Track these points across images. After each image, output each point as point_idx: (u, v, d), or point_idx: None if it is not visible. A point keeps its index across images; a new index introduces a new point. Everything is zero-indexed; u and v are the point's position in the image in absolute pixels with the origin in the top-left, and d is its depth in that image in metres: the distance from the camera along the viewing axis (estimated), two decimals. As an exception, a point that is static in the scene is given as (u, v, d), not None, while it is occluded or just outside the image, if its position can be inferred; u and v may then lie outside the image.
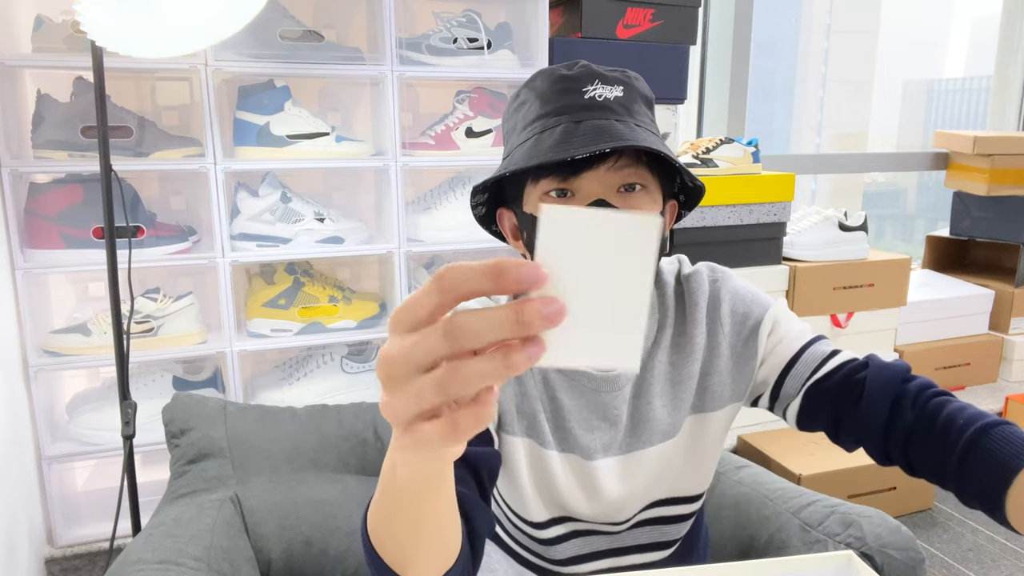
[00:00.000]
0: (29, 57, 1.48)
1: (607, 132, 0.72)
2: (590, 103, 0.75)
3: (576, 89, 0.75)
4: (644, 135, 0.73)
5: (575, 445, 0.84)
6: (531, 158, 0.73)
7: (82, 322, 1.59)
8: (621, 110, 0.75)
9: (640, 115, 0.77)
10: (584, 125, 0.73)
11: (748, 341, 0.86)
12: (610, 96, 0.75)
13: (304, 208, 1.69)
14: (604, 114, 0.74)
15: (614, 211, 0.37)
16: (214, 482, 1.19)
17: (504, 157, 0.81)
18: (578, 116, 0.74)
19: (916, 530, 1.97)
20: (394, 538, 0.56)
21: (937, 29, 36.95)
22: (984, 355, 2.60)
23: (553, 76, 0.77)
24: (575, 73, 0.76)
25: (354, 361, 1.77)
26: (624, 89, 0.77)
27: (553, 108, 0.75)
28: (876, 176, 8.02)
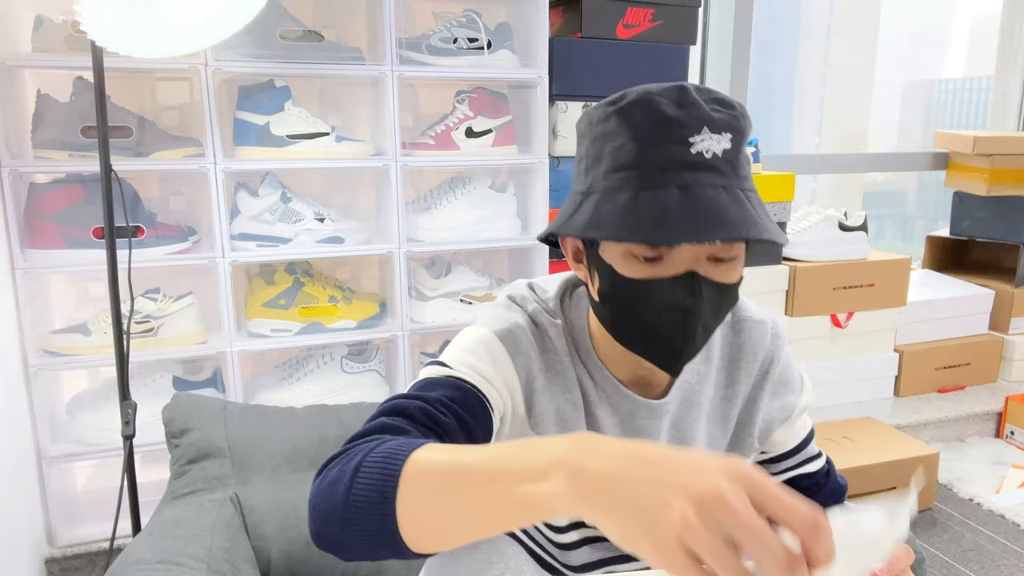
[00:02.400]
0: (29, 57, 1.48)
1: (717, 217, 0.65)
2: (696, 161, 0.67)
3: (682, 139, 0.67)
4: (754, 215, 0.68)
5: None
6: (630, 229, 0.66)
7: (82, 322, 1.59)
8: (728, 170, 0.68)
9: (743, 169, 0.71)
10: (691, 196, 0.66)
11: (781, 410, 0.90)
12: (718, 150, 0.68)
13: (304, 208, 1.69)
14: (711, 178, 0.67)
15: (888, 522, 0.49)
16: (214, 482, 1.19)
17: (584, 191, 0.73)
18: (682, 179, 0.67)
19: (916, 530, 1.97)
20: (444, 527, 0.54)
21: (937, 29, 37.04)
22: (984, 355, 2.60)
23: (655, 114, 0.68)
24: (682, 117, 0.67)
25: (354, 361, 1.77)
26: (732, 137, 0.69)
27: (653, 160, 0.68)
28: (876, 176, 8.03)
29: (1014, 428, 2.43)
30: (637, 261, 0.70)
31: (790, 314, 2.27)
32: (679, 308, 0.70)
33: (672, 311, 0.70)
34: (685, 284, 0.69)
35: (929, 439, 2.39)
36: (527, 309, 0.83)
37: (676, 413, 0.86)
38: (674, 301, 0.70)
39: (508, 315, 0.82)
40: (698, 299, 0.70)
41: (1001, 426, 2.47)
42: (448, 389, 0.73)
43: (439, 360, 0.79)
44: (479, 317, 0.85)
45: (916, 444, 2.06)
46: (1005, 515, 2.01)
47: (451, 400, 0.72)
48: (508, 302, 0.84)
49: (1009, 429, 2.44)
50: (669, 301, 0.70)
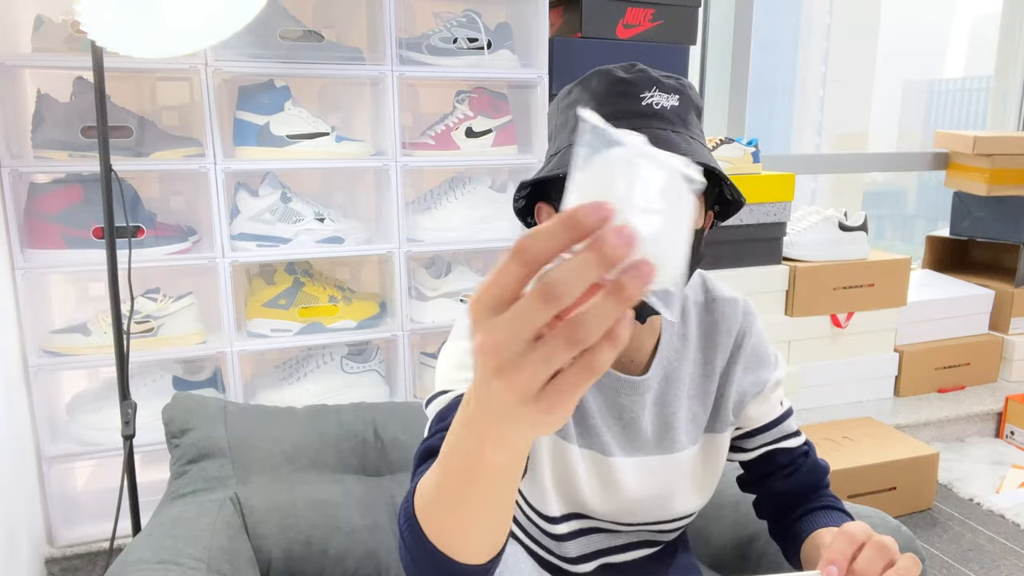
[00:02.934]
0: (29, 57, 1.48)
1: (666, 145, 0.72)
2: (647, 111, 0.74)
3: (634, 94, 0.75)
4: (699, 149, 0.75)
5: (595, 441, 0.86)
6: None
7: (82, 322, 1.59)
8: (677, 120, 0.76)
9: (693, 127, 0.78)
10: (642, 134, 0.72)
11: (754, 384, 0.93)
12: (667, 105, 0.75)
13: (304, 208, 1.69)
14: (661, 124, 0.75)
15: (656, 151, 0.40)
16: (214, 482, 1.19)
17: (552, 154, 0.80)
18: (635, 123, 0.74)
19: (916, 530, 1.97)
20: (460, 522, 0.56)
21: (937, 29, 37.09)
22: (984, 355, 2.60)
23: (610, 78, 0.76)
24: (633, 77, 0.76)
25: (354, 361, 1.77)
26: (680, 99, 0.76)
27: (609, 112, 0.75)
28: (876, 176, 8.02)
29: (1014, 428, 2.43)
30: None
31: (790, 314, 2.28)
32: None
33: None
34: None
35: (929, 439, 2.39)
36: None
37: (658, 390, 0.88)
38: None
39: None
40: None
41: (1001, 426, 2.47)
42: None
43: (439, 391, 0.79)
44: (453, 329, 0.85)
45: (916, 444, 2.06)
46: (1005, 515, 2.01)
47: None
48: None
49: (1009, 429, 2.44)
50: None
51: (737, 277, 2.17)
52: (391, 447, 1.31)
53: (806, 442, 0.97)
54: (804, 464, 0.95)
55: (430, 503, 0.57)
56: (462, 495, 0.54)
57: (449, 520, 0.57)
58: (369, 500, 1.23)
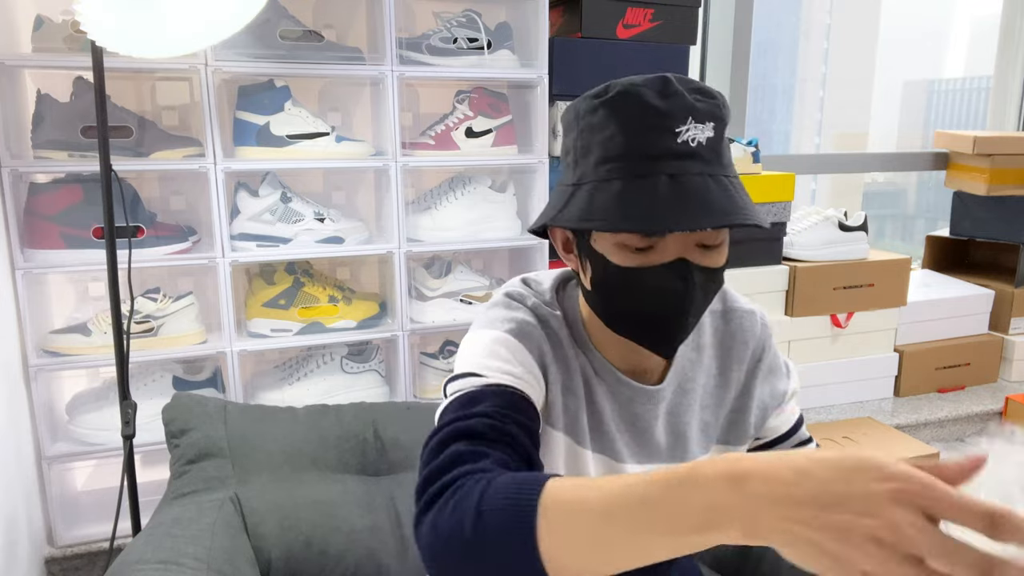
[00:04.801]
0: (29, 57, 1.48)
1: (706, 202, 0.68)
2: (682, 150, 0.70)
3: (668, 128, 0.70)
4: (739, 201, 0.71)
5: (608, 447, 0.86)
6: (622, 218, 0.69)
7: (82, 322, 1.59)
8: (712, 157, 0.72)
9: (725, 156, 0.74)
10: (680, 184, 0.69)
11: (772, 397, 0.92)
12: (702, 139, 0.71)
13: (304, 208, 1.69)
14: (697, 166, 0.70)
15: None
16: (214, 482, 1.19)
17: (574, 183, 0.75)
18: (671, 167, 0.70)
19: (916, 530, 1.97)
20: (595, 566, 0.54)
21: (937, 29, 37.06)
22: (984, 355, 2.60)
23: (642, 105, 0.71)
24: (667, 106, 0.70)
25: (354, 361, 1.77)
26: (715, 126, 0.72)
27: (642, 150, 0.70)
28: (876, 176, 8.03)
29: (1014, 428, 2.42)
30: (629, 251, 0.73)
31: (790, 314, 2.27)
32: (671, 293, 0.73)
33: (664, 296, 0.74)
34: (676, 270, 0.73)
35: (929, 439, 2.39)
36: (527, 304, 0.84)
37: (672, 399, 0.88)
38: (666, 287, 0.73)
39: (511, 313, 0.83)
40: (689, 284, 0.73)
41: (1001, 426, 2.47)
42: (494, 399, 0.73)
43: (465, 372, 0.77)
44: (477, 320, 0.84)
45: (916, 444, 2.05)
46: (1005, 515, 2.01)
47: (502, 408, 0.72)
48: (507, 300, 0.85)
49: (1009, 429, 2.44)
50: (661, 287, 0.73)
51: (737, 277, 2.17)
52: (391, 447, 1.31)
53: (816, 446, 0.97)
54: None
55: (583, 522, 0.54)
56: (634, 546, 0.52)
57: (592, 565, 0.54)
58: (369, 500, 1.23)
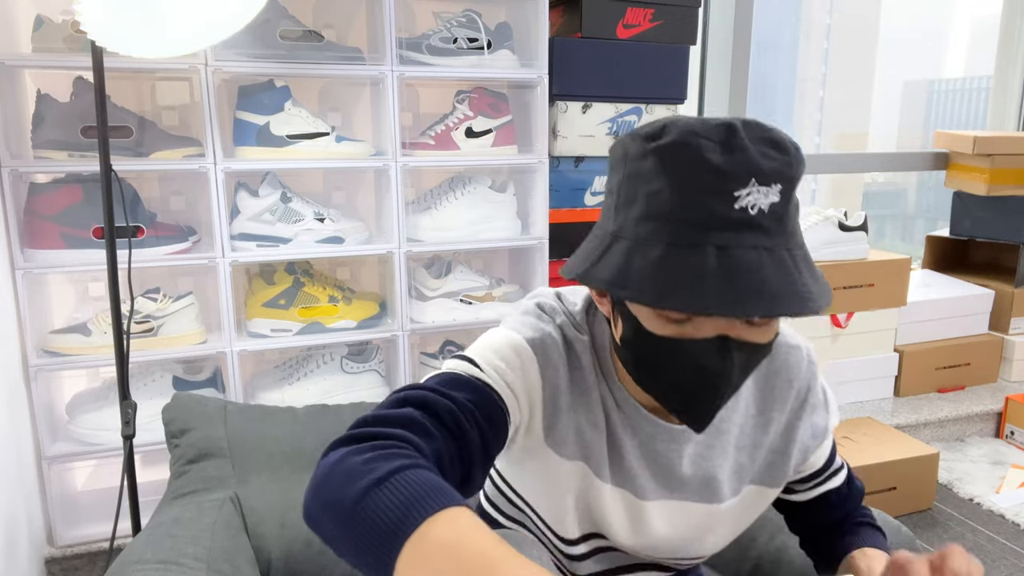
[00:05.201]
0: (29, 57, 1.48)
1: (757, 288, 0.59)
2: (739, 218, 0.61)
3: (726, 192, 0.60)
4: (798, 282, 0.61)
5: (629, 482, 0.81)
6: (660, 293, 0.61)
7: (82, 322, 1.59)
8: (774, 227, 0.62)
9: (791, 223, 0.64)
10: (731, 261, 0.60)
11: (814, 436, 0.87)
12: (764, 205, 0.61)
13: (304, 208, 1.69)
14: (754, 238, 0.61)
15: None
16: (214, 482, 1.18)
17: (613, 232, 0.67)
18: (722, 238, 0.61)
19: (916, 530, 1.97)
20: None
21: (937, 29, 37.12)
22: (984, 355, 2.60)
23: (699, 161, 0.61)
24: (729, 165, 0.60)
25: (354, 361, 1.77)
26: (782, 188, 0.62)
27: (691, 217, 0.61)
28: (876, 176, 8.03)
29: (1014, 428, 2.43)
30: (665, 319, 0.66)
31: (790, 314, 2.28)
32: (707, 371, 0.66)
33: (700, 373, 0.66)
34: (716, 348, 0.65)
35: (929, 439, 2.39)
36: (556, 321, 0.79)
37: (702, 440, 0.82)
38: (703, 364, 0.66)
39: (540, 324, 0.78)
40: (728, 363, 0.66)
41: (1001, 426, 2.47)
42: (473, 393, 0.70)
43: (467, 356, 0.75)
44: (506, 319, 0.81)
45: (916, 444, 2.06)
46: (1005, 515, 2.01)
47: (475, 406, 0.69)
48: (538, 311, 0.80)
49: (1009, 429, 2.44)
50: (697, 363, 0.66)
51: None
52: (391, 447, 1.31)
53: (847, 468, 0.94)
54: (849, 495, 0.92)
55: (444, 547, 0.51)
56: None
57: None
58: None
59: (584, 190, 1.95)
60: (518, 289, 1.92)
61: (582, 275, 0.68)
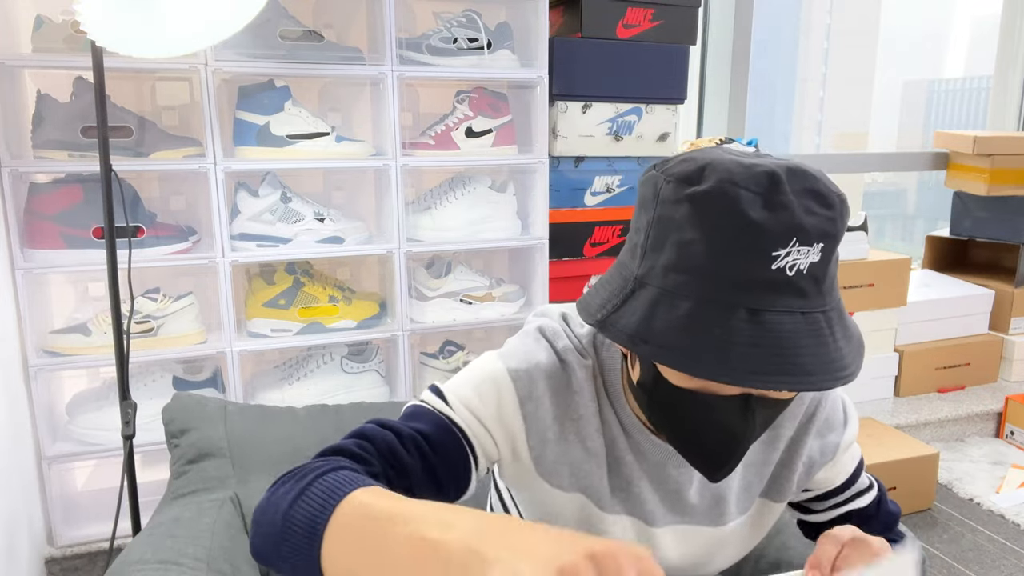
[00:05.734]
0: (29, 57, 1.48)
1: (790, 359, 0.57)
2: (776, 278, 0.57)
3: (765, 251, 0.57)
4: (834, 345, 0.59)
5: (639, 508, 0.79)
6: (685, 356, 0.58)
7: (82, 322, 1.59)
8: (811, 289, 0.59)
9: (829, 281, 0.61)
10: (762, 326, 0.57)
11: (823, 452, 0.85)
12: (804, 266, 0.58)
13: (304, 208, 1.69)
14: (789, 300, 0.58)
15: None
16: (214, 482, 1.18)
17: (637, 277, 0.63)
18: (756, 299, 0.57)
19: (916, 530, 1.97)
20: (354, 567, 0.52)
21: (937, 29, 37.17)
22: (984, 355, 2.60)
23: (738, 216, 0.57)
24: (770, 224, 0.57)
25: (354, 361, 1.77)
26: (824, 247, 0.58)
27: (725, 275, 0.58)
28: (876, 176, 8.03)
29: (1014, 428, 2.43)
30: (689, 381, 0.64)
31: (790, 314, 2.28)
32: (728, 428, 0.64)
33: (720, 429, 0.64)
34: (738, 406, 0.63)
35: (929, 439, 2.39)
36: (556, 346, 0.77)
37: None
38: (724, 421, 0.64)
39: (532, 351, 0.76)
40: (750, 422, 0.64)
41: (1001, 426, 2.47)
42: (431, 427, 0.70)
43: (440, 388, 0.75)
44: (506, 343, 0.79)
45: (916, 444, 2.06)
46: (1005, 515, 2.01)
47: (427, 439, 0.69)
48: (537, 335, 0.78)
49: (1009, 429, 2.44)
50: (718, 420, 0.64)
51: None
52: (391, 447, 1.31)
53: (879, 489, 0.90)
54: (876, 517, 0.89)
55: (348, 548, 0.52)
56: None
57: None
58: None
59: (584, 190, 1.95)
60: (518, 289, 1.92)
61: (601, 323, 0.64)
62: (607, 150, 1.94)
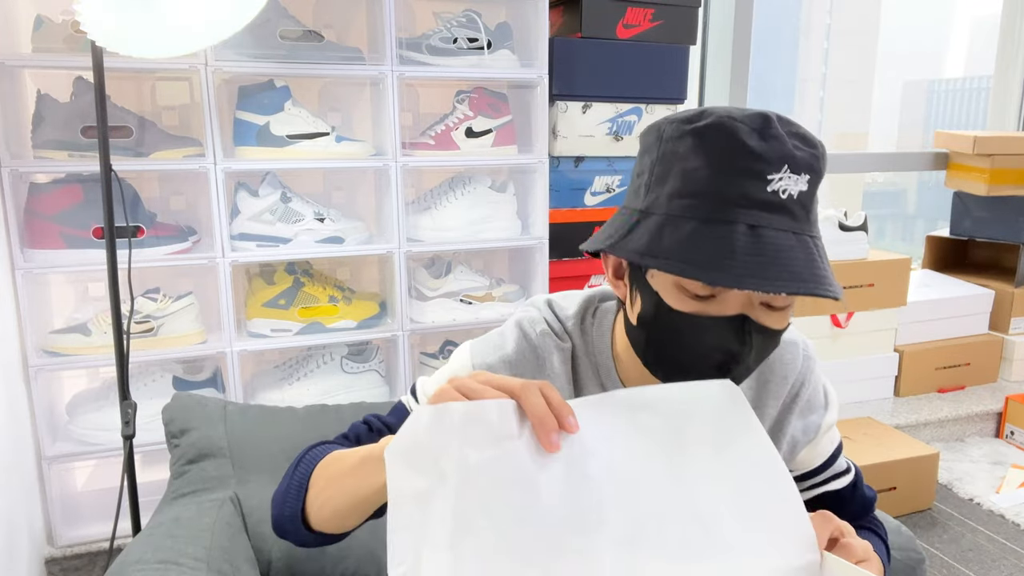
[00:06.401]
0: (29, 57, 1.48)
1: (786, 266, 0.62)
2: (771, 200, 0.63)
3: (761, 174, 0.63)
4: (821, 265, 0.65)
5: None
6: (689, 264, 0.63)
7: (82, 322, 1.59)
8: (801, 214, 0.65)
9: (814, 214, 0.68)
10: (761, 239, 0.63)
11: (805, 432, 0.87)
12: (795, 192, 0.64)
13: (304, 208, 1.69)
14: (784, 221, 0.64)
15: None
16: (214, 482, 1.18)
17: (642, 210, 0.68)
18: (753, 218, 0.63)
19: (916, 530, 1.97)
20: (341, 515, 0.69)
21: (937, 29, 37.17)
22: (984, 355, 2.60)
23: (737, 142, 0.64)
24: (764, 149, 0.63)
25: (354, 361, 1.77)
26: (810, 179, 0.65)
27: (726, 193, 0.64)
28: (876, 176, 8.02)
29: (1014, 428, 2.43)
30: (687, 295, 0.67)
31: (790, 314, 2.28)
32: (724, 351, 0.67)
33: (717, 353, 0.67)
34: (735, 327, 0.67)
35: (929, 439, 2.39)
36: (532, 332, 0.80)
37: None
38: (720, 343, 0.67)
39: (500, 343, 0.81)
40: (746, 345, 0.67)
41: (1001, 426, 2.47)
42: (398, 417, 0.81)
43: (415, 384, 0.84)
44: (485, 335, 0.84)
45: (916, 444, 2.06)
46: (1005, 515, 2.01)
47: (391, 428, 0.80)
48: (515, 325, 0.82)
49: (1009, 429, 2.44)
50: (715, 342, 0.67)
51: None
52: (391, 447, 1.31)
53: (855, 474, 0.92)
54: (851, 499, 0.91)
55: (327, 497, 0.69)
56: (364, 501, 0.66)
57: (333, 512, 0.68)
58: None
59: (584, 190, 1.95)
60: (518, 289, 1.92)
61: (610, 248, 0.68)
62: (607, 150, 1.94)
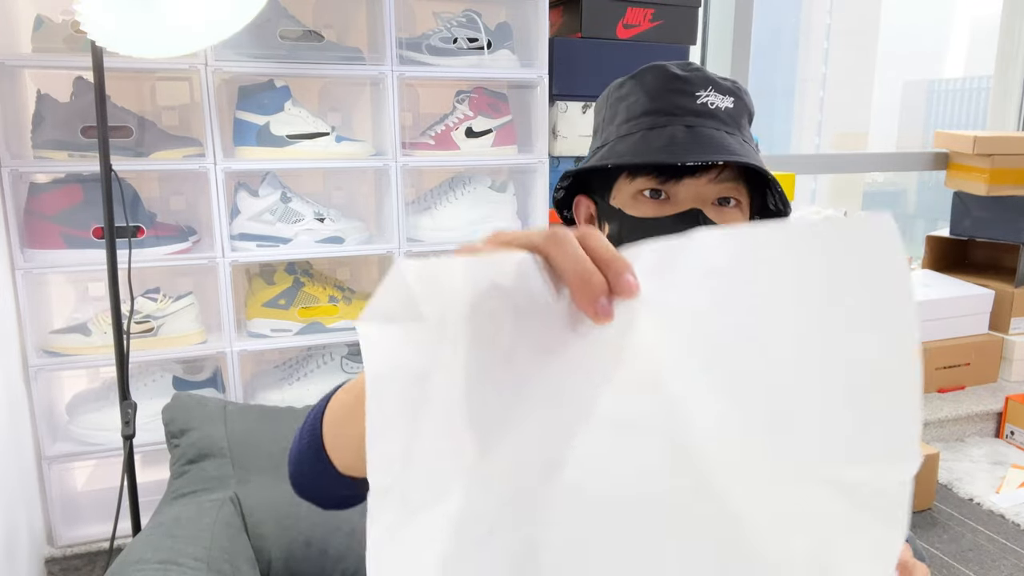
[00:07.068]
0: (29, 57, 1.48)
1: (720, 145, 0.72)
2: (701, 109, 0.75)
3: (689, 92, 0.75)
4: (751, 152, 0.75)
5: None
6: (638, 154, 0.74)
7: (82, 322, 1.59)
8: (731, 122, 0.76)
9: (745, 130, 0.78)
10: (696, 132, 0.74)
11: None
12: (721, 106, 0.75)
13: (304, 208, 1.69)
14: (715, 124, 0.75)
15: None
16: (214, 482, 1.19)
17: (599, 146, 0.80)
18: (688, 121, 0.75)
19: (916, 530, 1.97)
20: (344, 433, 0.61)
21: (937, 29, 37.21)
22: (984, 355, 2.60)
23: (666, 74, 0.76)
24: (689, 75, 0.76)
25: (354, 361, 1.77)
26: (735, 101, 0.77)
27: (663, 107, 0.75)
28: (876, 176, 8.00)
29: (1014, 428, 2.43)
30: (644, 200, 0.76)
31: (790, 314, 2.28)
32: None
33: None
34: (689, 220, 0.75)
35: (929, 439, 2.39)
36: None
37: None
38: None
39: None
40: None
41: (1001, 426, 2.47)
42: None
43: None
44: None
45: (916, 444, 2.05)
46: (1005, 515, 2.01)
47: None
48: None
49: (1009, 429, 2.44)
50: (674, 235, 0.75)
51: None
52: (391, 447, 1.31)
53: None
54: None
55: (339, 425, 0.61)
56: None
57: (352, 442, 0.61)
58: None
59: (584, 190, 1.95)
60: (518, 289, 1.92)
61: (575, 172, 0.80)
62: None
